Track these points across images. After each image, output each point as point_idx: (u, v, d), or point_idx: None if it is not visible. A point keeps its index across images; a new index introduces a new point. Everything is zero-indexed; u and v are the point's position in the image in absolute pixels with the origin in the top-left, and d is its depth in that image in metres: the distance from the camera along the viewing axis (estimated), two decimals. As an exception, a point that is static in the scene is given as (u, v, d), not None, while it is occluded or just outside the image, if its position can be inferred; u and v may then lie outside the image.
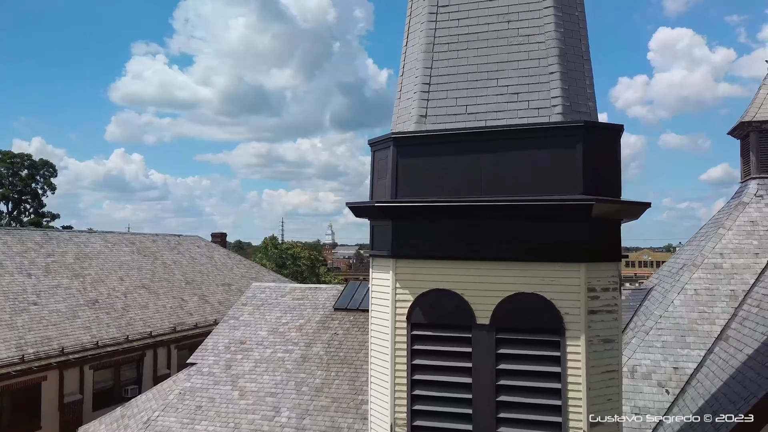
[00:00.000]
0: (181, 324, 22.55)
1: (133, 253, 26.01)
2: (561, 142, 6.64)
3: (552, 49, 7.04)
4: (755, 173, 13.70)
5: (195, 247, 30.86)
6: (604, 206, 6.39)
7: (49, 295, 19.57)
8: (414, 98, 7.52)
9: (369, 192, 7.92)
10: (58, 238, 23.48)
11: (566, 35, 7.16)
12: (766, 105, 13.70)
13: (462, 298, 6.87)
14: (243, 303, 17.34)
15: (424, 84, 7.46)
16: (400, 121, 7.80)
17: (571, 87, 7.03)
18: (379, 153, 7.62)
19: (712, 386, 9.81)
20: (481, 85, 7.25)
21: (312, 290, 17.47)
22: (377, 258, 7.49)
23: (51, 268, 21.19)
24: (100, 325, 19.62)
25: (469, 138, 6.97)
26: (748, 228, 12.98)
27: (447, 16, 7.54)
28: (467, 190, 6.90)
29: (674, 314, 11.96)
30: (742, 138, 14.39)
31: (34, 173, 47.79)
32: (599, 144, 6.70)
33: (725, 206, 14.58)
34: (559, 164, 6.62)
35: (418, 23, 7.79)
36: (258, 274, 31.85)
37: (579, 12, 7.37)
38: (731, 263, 12.47)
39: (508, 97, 7.13)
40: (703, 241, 13.57)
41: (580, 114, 7.02)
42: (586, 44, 7.38)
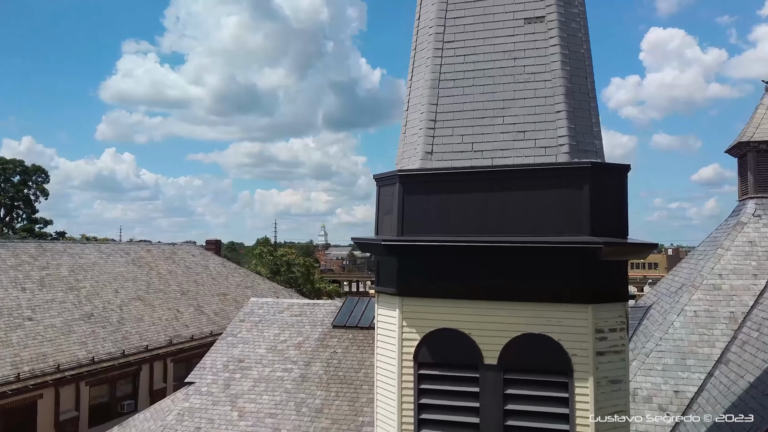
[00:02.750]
0: (176, 336, 22.43)
1: (128, 264, 25.86)
2: (568, 183, 6.63)
3: (558, 88, 7.04)
4: (753, 193, 13.77)
5: (190, 255, 30.72)
6: (612, 248, 6.39)
7: (44, 309, 19.41)
8: (419, 134, 7.49)
9: (374, 227, 7.89)
10: (52, 250, 23.29)
11: (572, 73, 7.16)
12: (763, 125, 13.77)
13: (469, 337, 6.86)
14: (241, 319, 17.26)
15: (429, 120, 7.44)
16: (405, 156, 7.77)
17: (578, 126, 7.03)
18: (385, 189, 7.58)
19: (714, 413, 9.85)
20: (487, 123, 7.24)
21: (310, 306, 17.41)
22: (383, 294, 7.46)
23: (46, 281, 21.03)
24: (96, 339, 19.48)
25: (475, 177, 6.95)
26: (747, 248, 13.04)
27: (453, 52, 7.52)
28: (474, 229, 6.88)
29: (674, 336, 12.00)
30: (740, 157, 14.46)
31: (27, 179, 47.48)
32: (606, 184, 6.70)
33: (723, 224, 14.65)
34: (566, 205, 6.61)
35: (423, 58, 7.77)
36: (253, 283, 31.75)
37: (585, 49, 7.37)
38: (730, 284, 12.53)
39: (514, 135, 7.12)
40: (701, 261, 13.62)
41: (587, 153, 7.02)
42: (592, 81, 7.38)
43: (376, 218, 7.87)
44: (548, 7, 7.23)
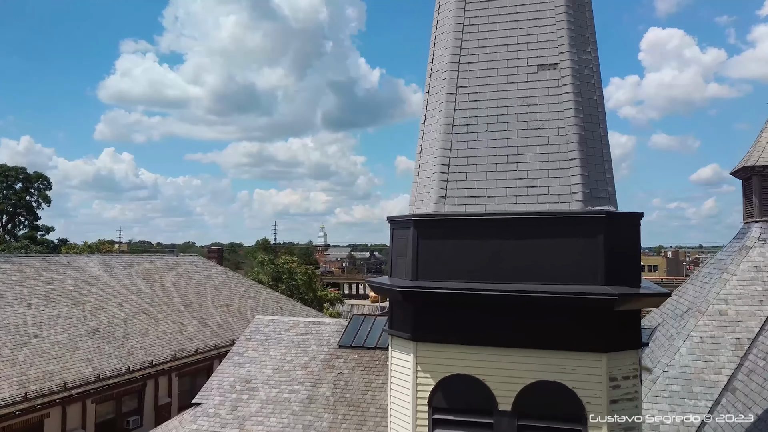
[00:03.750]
0: (181, 350, 22.48)
1: (131, 276, 25.90)
2: (582, 232, 6.70)
3: (572, 135, 7.11)
4: (758, 216, 13.86)
5: (193, 266, 30.76)
6: (627, 299, 6.47)
7: (49, 326, 19.46)
8: (433, 178, 7.56)
9: (389, 268, 7.95)
10: (57, 264, 23.32)
11: (585, 120, 7.23)
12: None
13: (484, 384, 6.93)
14: (247, 338, 17.32)
15: (443, 165, 7.51)
16: (419, 198, 7.85)
17: (591, 173, 7.10)
18: (399, 231, 7.65)
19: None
20: (501, 169, 7.31)
21: (316, 325, 17.47)
22: (397, 338, 7.52)
23: (51, 296, 21.07)
24: (102, 356, 19.53)
25: (490, 224, 7.02)
26: (752, 273, 13.12)
27: (466, 97, 7.59)
28: (489, 275, 6.95)
29: (680, 362, 12.07)
30: (745, 180, 14.54)
31: (29, 186, 47.49)
32: (620, 233, 6.78)
33: (728, 247, 14.72)
34: (580, 253, 6.68)
35: (436, 102, 7.84)
36: (256, 293, 31.81)
37: (598, 95, 7.45)
38: (736, 310, 12.60)
39: (527, 182, 7.19)
40: (707, 285, 13.70)
41: (600, 200, 7.10)
42: (605, 127, 7.45)
43: (390, 259, 7.94)
44: (562, 54, 7.30)
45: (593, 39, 7.58)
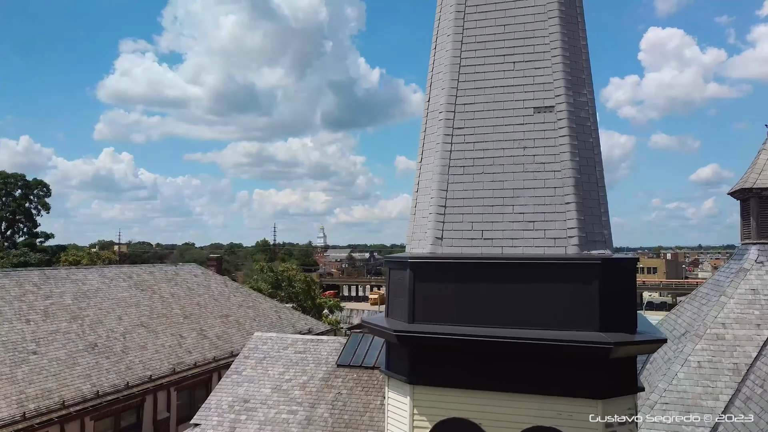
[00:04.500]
0: (180, 363, 22.48)
1: (130, 288, 25.90)
2: (578, 278, 6.71)
3: (568, 179, 7.12)
4: (755, 238, 13.87)
5: (192, 276, 30.77)
6: (623, 347, 6.48)
7: (48, 342, 19.46)
8: (430, 219, 7.57)
9: (385, 307, 7.96)
10: (55, 277, 23.32)
11: (582, 163, 7.24)
12: (766, 171, 13.87)
13: (480, 428, 6.94)
14: (245, 356, 17.32)
15: (439, 206, 7.52)
16: (415, 238, 7.86)
17: (587, 217, 7.11)
18: (395, 272, 7.66)
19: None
20: (497, 211, 7.32)
21: (314, 342, 17.48)
22: (394, 379, 7.54)
23: (49, 311, 21.07)
24: (100, 371, 19.53)
25: (485, 267, 7.03)
26: (750, 297, 13.14)
27: (462, 139, 7.60)
28: (485, 319, 6.96)
29: (678, 388, 12.09)
30: (743, 200, 14.55)
31: (28, 193, 47.47)
32: (616, 279, 6.79)
33: (726, 268, 14.74)
34: (576, 299, 6.70)
35: (432, 142, 7.85)
36: (255, 302, 31.82)
37: (594, 138, 7.46)
38: (733, 334, 12.62)
39: (523, 225, 7.21)
40: (705, 307, 13.72)
41: (596, 244, 7.11)
42: (601, 170, 7.47)
43: (386, 298, 7.95)
44: (558, 97, 7.31)
45: (589, 81, 7.59)
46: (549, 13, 7.44)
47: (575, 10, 7.58)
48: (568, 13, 7.48)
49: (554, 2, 7.43)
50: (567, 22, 7.44)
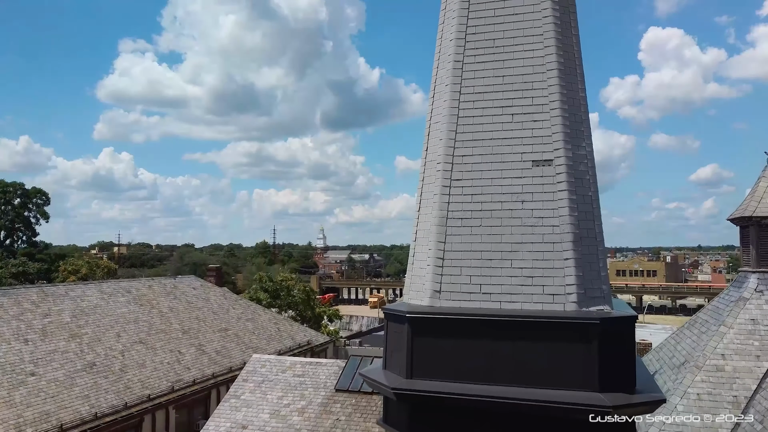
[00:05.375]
0: (178, 381, 22.45)
1: (129, 303, 25.87)
2: (577, 337, 6.67)
3: (566, 235, 7.07)
4: (755, 267, 13.84)
5: (191, 289, 30.73)
6: (622, 408, 6.44)
7: (46, 362, 19.42)
8: (428, 271, 7.53)
9: (383, 359, 7.91)
10: (54, 294, 23.29)
11: (580, 218, 7.20)
12: (765, 199, 13.83)
13: (478, 486, 6.90)
14: (244, 379, 17.29)
15: (437, 258, 7.47)
16: (413, 289, 7.81)
17: (586, 273, 7.07)
18: (394, 325, 7.61)
19: None
20: (496, 265, 7.28)
21: (313, 366, 17.45)
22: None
23: (48, 330, 21.04)
24: (99, 391, 19.49)
25: (484, 324, 6.99)
26: (749, 327, 13.10)
27: (460, 191, 7.55)
28: (484, 376, 6.91)
29: (677, 420, 12.05)
30: (742, 227, 14.52)
31: (27, 201, 47.39)
32: (615, 338, 6.74)
33: (725, 295, 14.70)
34: (575, 358, 6.65)
35: (430, 192, 7.80)
36: (254, 315, 31.78)
37: (593, 191, 7.42)
38: (733, 366, 12.58)
39: (522, 280, 7.16)
40: (704, 336, 13.68)
41: (595, 300, 7.07)
42: (600, 224, 7.42)
43: (384, 350, 7.90)
44: (556, 151, 7.27)
45: (588, 133, 7.55)
46: (548, 65, 7.39)
47: (574, 62, 7.54)
48: (567, 65, 7.44)
49: (553, 54, 7.39)
50: (566, 74, 7.40)
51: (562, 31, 7.48)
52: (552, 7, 7.47)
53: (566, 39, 7.52)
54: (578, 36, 7.72)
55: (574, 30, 7.65)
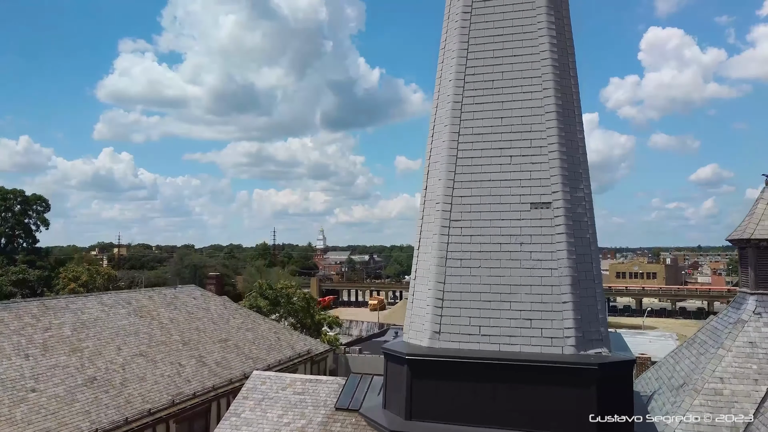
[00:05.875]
0: (179, 394, 22.45)
1: (130, 315, 25.88)
2: (576, 382, 6.73)
3: (565, 278, 7.13)
4: (753, 289, 13.88)
5: (191, 299, 30.75)
6: (619, 455, 6.50)
7: (47, 377, 19.43)
8: (428, 311, 7.59)
9: (383, 397, 7.98)
10: (54, 307, 23.30)
11: (578, 261, 7.25)
12: (764, 221, 13.88)
13: None
14: (244, 396, 17.30)
15: (437, 299, 7.53)
16: (413, 328, 7.86)
17: (584, 316, 7.13)
18: (393, 365, 7.68)
19: None
20: (495, 307, 7.34)
21: (312, 383, 17.45)
22: (391, 473, 7.55)
23: (48, 344, 21.05)
24: (99, 407, 19.50)
25: (483, 367, 7.05)
26: (748, 350, 13.15)
27: (459, 231, 7.61)
28: (482, 418, 6.98)
29: (676, 445, 12.09)
30: (741, 248, 14.56)
31: (27, 209, 47.44)
32: (613, 381, 6.81)
33: (724, 315, 14.74)
34: (573, 402, 6.72)
35: (430, 232, 7.86)
36: (254, 324, 31.82)
37: (591, 233, 7.47)
38: (731, 389, 12.63)
39: (520, 323, 7.22)
40: (703, 357, 13.72)
41: (593, 342, 7.13)
42: (598, 266, 7.47)
43: (384, 389, 7.97)
44: (554, 194, 7.32)
45: (586, 175, 7.60)
46: (546, 108, 7.45)
47: (572, 104, 7.59)
48: (565, 108, 7.49)
49: (551, 97, 7.44)
50: (564, 116, 7.45)
51: (560, 74, 7.54)
52: (550, 50, 7.53)
53: (564, 81, 7.57)
54: (576, 78, 7.77)
55: (572, 72, 7.70)
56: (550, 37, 7.51)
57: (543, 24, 7.52)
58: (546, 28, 7.51)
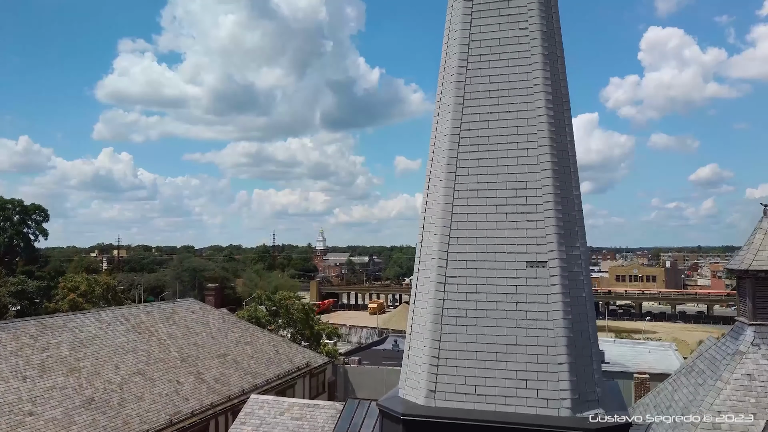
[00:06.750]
0: (177, 413, 22.45)
1: (128, 332, 25.87)
2: (571, 446, 6.70)
3: (560, 338, 7.10)
4: (751, 319, 13.86)
5: (190, 313, 30.74)
6: None
7: (44, 400, 19.42)
8: (423, 369, 7.55)
9: (377, 452, 7.95)
10: (52, 326, 23.29)
11: (574, 320, 7.22)
12: (762, 252, 13.85)
13: None
14: (242, 421, 17.31)
15: (432, 357, 7.49)
16: (409, 384, 7.83)
17: (580, 377, 7.09)
18: (389, 422, 7.64)
19: None
20: (490, 366, 7.30)
21: (310, 408, 17.47)
22: None
23: (46, 365, 21.04)
24: (97, 429, 19.49)
25: (479, 428, 7.01)
26: (746, 383, 13.13)
27: (455, 288, 7.57)
28: (477, 480, 6.94)
29: (674, 481, 12.07)
30: (739, 277, 14.53)
31: (26, 218, 47.40)
32: (608, 446, 6.77)
33: (722, 345, 14.71)
34: (568, 467, 6.68)
35: (425, 287, 7.82)
36: (252, 338, 31.82)
37: (587, 292, 7.43)
38: (729, 424, 12.60)
39: (516, 383, 7.18)
40: (701, 389, 13.70)
41: (589, 404, 7.09)
42: (594, 325, 7.44)
43: (379, 444, 7.93)
44: (550, 252, 7.29)
45: (582, 232, 7.57)
46: (542, 165, 7.41)
47: (568, 160, 7.56)
48: (561, 165, 7.46)
49: (547, 154, 7.41)
50: (560, 174, 7.42)
51: (556, 130, 7.50)
52: (546, 106, 7.49)
53: (560, 138, 7.54)
54: (572, 134, 7.75)
55: (568, 128, 7.67)
56: (546, 93, 7.47)
57: (539, 80, 7.48)
58: (542, 84, 7.48)
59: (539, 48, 7.59)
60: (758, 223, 14.36)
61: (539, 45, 7.60)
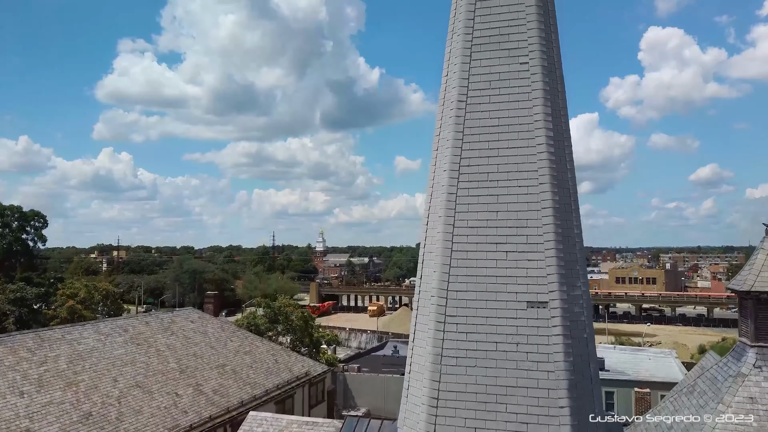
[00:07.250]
0: (175, 427, 22.32)
1: (126, 344, 25.74)
2: (572, 493, 6.59)
3: (562, 381, 6.98)
4: (753, 341, 13.74)
5: (189, 322, 30.61)
6: None
7: (42, 416, 19.30)
8: (422, 409, 7.43)
9: (376, 493, 7.84)
10: (50, 339, 23.17)
11: (575, 362, 7.10)
12: (764, 274, 13.72)
13: None
14: (240, 439, 17.16)
15: (432, 398, 7.38)
16: (407, 425, 7.71)
17: (581, 421, 6.98)
18: (387, 463, 7.54)
19: None
20: (491, 409, 7.18)
21: (309, 426, 17.34)
22: None
23: (44, 379, 20.91)
24: (94, 445, 19.38)
25: (478, 473, 6.90)
26: (748, 406, 13.01)
27: (455, 327, 7.45)
28: None
29: (675, 507, 11.96)
30: (741, 298, 14.41)
31: (24, 225, 47.24)
32: (610, 492, 6.66)
33: (724, 365, 14.58)
34: None
35: (425, 326, 7.70)
36: (251, 347, 31.70)
37: (588, 333, 7.31)
38: (731, 449, 12.49)
39: (516, 426, 7.07)
40: (702, 411, 13.58)
41: (590, 447, 6.98)
42: (596, 366, 7.33)
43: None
44: (551, 293, 7.17)
45: (583, 271, 7.45)
46: (543, 203, 7.29)
47: (569, 197, 7.44)
48: (563, 203, 7.34)
49: (548, 192, 7.29)
50: (561, 212, 7.30)
51: (557, 167, 7.38)
52: (547, 143, 7.37)
53: (561, 175, 7.42)
54: (573, 170, 7.63)
55: (569, 164, 7.55)
56: (547, 129, 7.35)
57: (539, 116, 7.36)
58: (542, 120, 7.36)
59: (540, 83, 7.47)
60: (760, 243, 14.24)
61: (540, 80, 7.48)
